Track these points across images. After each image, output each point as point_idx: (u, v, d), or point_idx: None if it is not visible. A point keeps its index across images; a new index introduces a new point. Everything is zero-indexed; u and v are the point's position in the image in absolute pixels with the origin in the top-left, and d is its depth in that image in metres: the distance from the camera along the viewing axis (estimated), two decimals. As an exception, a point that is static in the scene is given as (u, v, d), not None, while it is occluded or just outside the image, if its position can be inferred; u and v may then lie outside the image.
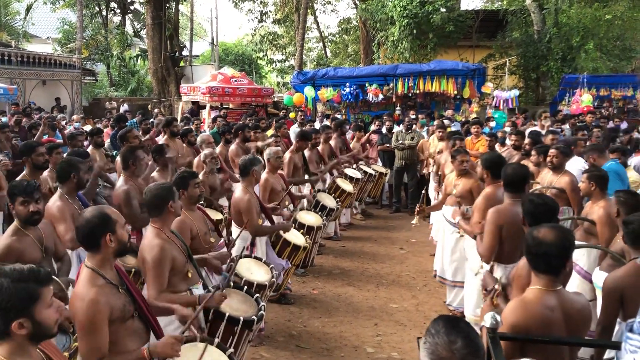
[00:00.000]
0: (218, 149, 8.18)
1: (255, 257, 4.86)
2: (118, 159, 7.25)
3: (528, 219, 3.32)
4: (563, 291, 2.68)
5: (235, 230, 5.43)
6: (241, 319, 3.60)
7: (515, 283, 3.26)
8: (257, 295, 4.03)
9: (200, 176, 5.73)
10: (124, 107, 19.26)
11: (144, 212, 5.03)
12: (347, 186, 8.05)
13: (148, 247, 3.47)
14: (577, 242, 4.65)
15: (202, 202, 5.38)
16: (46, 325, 2.07)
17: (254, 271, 4.57)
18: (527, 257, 2.69)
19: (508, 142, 8.12)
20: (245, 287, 4.10)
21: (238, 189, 5.40)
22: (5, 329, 1.98)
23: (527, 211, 3.34)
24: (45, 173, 5.56)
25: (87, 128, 11.29)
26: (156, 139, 8.58)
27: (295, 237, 5.63)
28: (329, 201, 7.24)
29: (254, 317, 3.69)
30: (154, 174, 5.89)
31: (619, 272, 3.40)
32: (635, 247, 3.41)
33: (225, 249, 4.82)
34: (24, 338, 2.04)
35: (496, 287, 3.21)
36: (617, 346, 2.30)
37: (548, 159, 5.56)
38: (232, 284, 4.05)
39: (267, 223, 5.60)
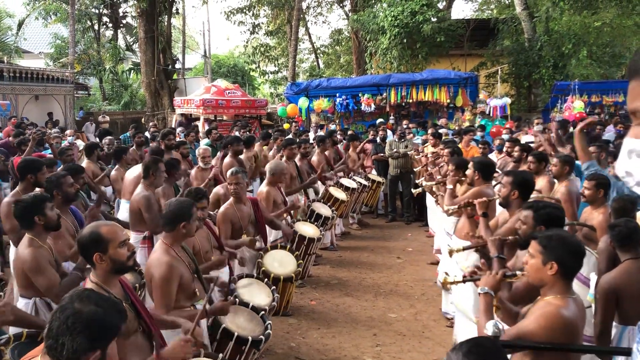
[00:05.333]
0: (214, 161, 8.18)
1: (257, 277, 4.72)
2: (113, 172, 7.27)
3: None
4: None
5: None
6: (250, 338, 3.57)
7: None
8: (262, 312, 3.97)
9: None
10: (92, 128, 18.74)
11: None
12: (340, 194, 8.06)
13: (156, 264, 3.45)
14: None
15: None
16: None
17: (254, 293, 4.43)
18: (567, 263, 2.61)
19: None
20: (251, 304, 4.03)
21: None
22: (81, 356, 1.90)
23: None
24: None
25: (79, 142, 11.28)
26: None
27: (279, 265, 5.43)
28: (324, 210, 7.24)
29: (262, 337, 3.66)
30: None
31: (612, 273, 3.46)
32: (623, 250, 3.50)
33: (227, 267, 4.78)
34: None
35: (518, 273, 3.08)
36: (627, 352, 2.29)
37: (549, 167, 5.61)
38: (237, 301, 4.01)
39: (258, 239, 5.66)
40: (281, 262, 5.48)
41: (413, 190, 6.81)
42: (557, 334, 2.49)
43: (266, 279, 4.71)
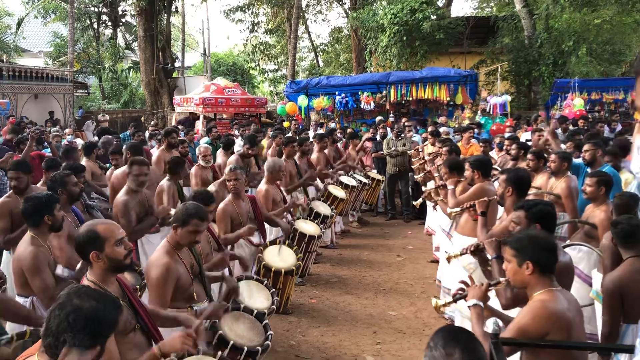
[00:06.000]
0: (220, 159, 8.16)
1: (257, 280, 4.67)
2: (108, 172, 7.26)
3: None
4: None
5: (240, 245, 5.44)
6: (245, 348, 3.47)
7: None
8: (266, 321, 3.87)
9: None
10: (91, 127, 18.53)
11: (145, 224, 5.04)
12: (339, 193, 8.05)
13: (155, 263, 3.43)
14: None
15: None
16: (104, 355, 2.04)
17: (254, 295, 4.37)
18: (541, 260, 2.68)
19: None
20: (256, 311, 3.94)
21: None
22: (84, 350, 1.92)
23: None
24: (39, 185, 5.57)
25: (79, 141, 11.28)
26: (151, 150, 8.57)
27: (279, 259, 5.44)
28: (323, 208, 7.23)
29: (258, 347, 3.54)
30: (164, 181, 5.88)
31: (616, 272, 3.42)
32: (625, 247, 3.46)
33: (226, 270, 4.74)
34: None
35: (501, 280, 3.07)
36: (630, 350, 2.28)
37: (547, 164, 5.62)
38: (240, 306, 3.96)
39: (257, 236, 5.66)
40: (281, 257, 5.50)
41: (414, 202, 6.87)
42: (547, 327, 2.54)
43: (265, 281, 4.67)
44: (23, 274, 3.58)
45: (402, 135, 10.24)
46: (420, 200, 6.82)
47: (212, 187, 6.12)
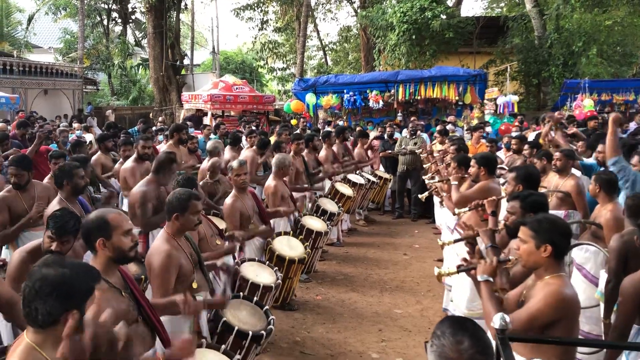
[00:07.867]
0: (227, 155, 8.17)
1: (259, 261, 4.82)
2: (117, 165, 7.29)
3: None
4: None
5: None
6: (250, 333, 3.56)
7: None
8: (267, 308, 3.99)
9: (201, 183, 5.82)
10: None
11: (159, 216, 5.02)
12: (346, 190, 8.04)
13: (155, 252, 3.43)
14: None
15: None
16: (82, 322, 2.07)
17: (259, 273, 4.58)
18: (560, 244, 2.71)
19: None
20: (256, 299, 4.06)
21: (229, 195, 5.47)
22: (57, 317, 1.96)
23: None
24: (46, 180, 5.60)
25: (89, 136, 11.32)
26: (158, 146, 8.58)
27: (289, 249, 5.54)
28: (330, 206, 7.23)
29: (262, 332, 3.65)
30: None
31: (637, 275, 3.32)
32: None
33: (230, 257, 4.80)
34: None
35: (511, 258, 3.00)
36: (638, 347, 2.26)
37: (553, 162, 5.57)
38: (241, 294, 4.02)
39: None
40: (290, 246, 5.60)
41: (420, 195, 6.85)
42: (561, 312, 2.59)
43: (267, 262, 4.93)
44: None
45: (416, 134, 10.20)
46: (427, 194, 6.79)
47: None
